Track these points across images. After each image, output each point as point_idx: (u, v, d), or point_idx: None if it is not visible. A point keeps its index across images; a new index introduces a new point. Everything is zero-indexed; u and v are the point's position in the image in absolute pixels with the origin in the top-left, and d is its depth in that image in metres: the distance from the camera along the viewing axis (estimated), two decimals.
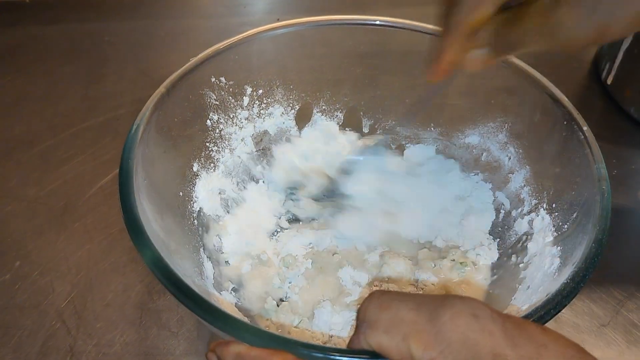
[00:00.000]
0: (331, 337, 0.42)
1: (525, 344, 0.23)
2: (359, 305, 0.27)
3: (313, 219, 0.50)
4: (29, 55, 0.70)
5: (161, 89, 0.40)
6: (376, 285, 0.45)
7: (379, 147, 0.52)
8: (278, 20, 0.49)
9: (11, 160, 0.57)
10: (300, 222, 0.50)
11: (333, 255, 0.47)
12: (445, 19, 0.32)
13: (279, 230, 0.50)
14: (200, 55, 0.43)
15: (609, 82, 0.64)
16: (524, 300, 0.38)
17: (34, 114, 0.62)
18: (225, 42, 0.44)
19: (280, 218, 0.50)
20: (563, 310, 0.30)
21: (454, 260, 0.46)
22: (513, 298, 0.40)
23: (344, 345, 0.39)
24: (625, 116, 0.62)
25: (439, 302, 0.25)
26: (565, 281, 0.31)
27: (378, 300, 0.26)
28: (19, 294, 0.46)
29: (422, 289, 0.45)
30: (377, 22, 0.48)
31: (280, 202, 0.51)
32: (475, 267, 0.45)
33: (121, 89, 0.65)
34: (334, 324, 0.42)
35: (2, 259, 0.48)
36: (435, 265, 0.46)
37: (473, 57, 0.32)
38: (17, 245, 0.49)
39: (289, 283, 0.45)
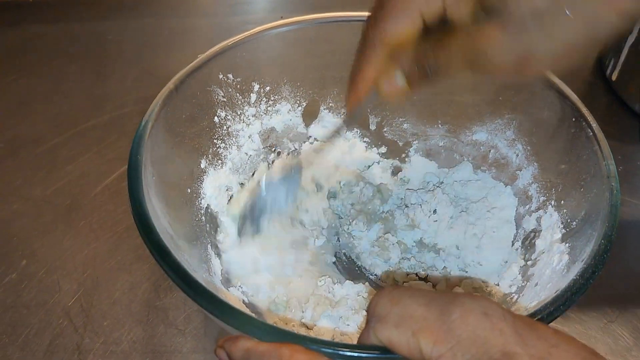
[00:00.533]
0: (339, 331, 0.42)
1: (536, 342, 0.23)
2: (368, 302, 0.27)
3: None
4: (33, 54, 0.70)
5: (169, 85, 0.40)
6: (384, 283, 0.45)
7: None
8: (281, 17, 0.49)
9: (17, 159, 0.57)
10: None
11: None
12: (367, 33, 0.31)
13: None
14: (208, 52, 0.43)
15: (613, 78, 0.64)
16: (532, 297, 0.38)
17: (38, 113, 0.62)
18: (232, 39, 0.44)
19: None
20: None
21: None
22: (521, 295, 0.40)
23: (350, 341, 0.39)
24: (630, 112, 0.62)
25: (449, 299, 0.25)
26: (574, 278, 0.31)
27: (389, 295, 0.26)
28: (25, 293, 0.46)
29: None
30: None
31: None
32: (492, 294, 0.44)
33: (125, 87, 0.65)
34: (341, 320, 0.42)
35: (9, 258, 0.48)
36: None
37: (391, 83, 0.31)
38: (23, 244, 0.49)
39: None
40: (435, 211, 0.48)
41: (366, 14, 0.48)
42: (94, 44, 0.71)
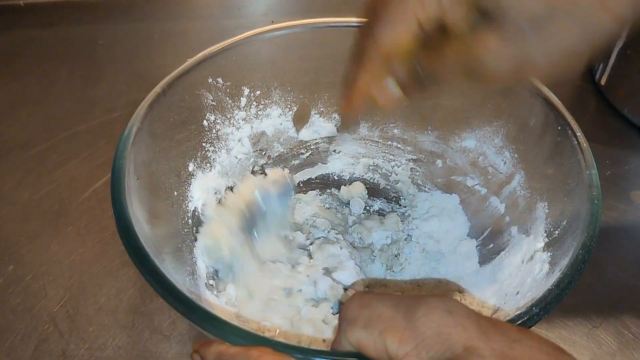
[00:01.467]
0: (322, 339, 0.42)
1: (498, 338, 0.23)
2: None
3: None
4: (24, 58, 0.70)
5: (157, 89, 0.40)
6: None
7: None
8: (272, 22, 0.49)
9: (6, 163, 0.57)
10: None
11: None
12: (361, 41, 0.30)
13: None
14: (197, 56, 0.43)
15: (602, 82, 0.64)
16: (513, 305, 0.38)
17: (29, 116, 0.62)
18: (222, 43, 0.44)
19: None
20: (554, 312, 0.30)
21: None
22: (503, 303, 0.40)
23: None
24: (618, 116, 0.62)
25: (415, 300, 0.25)
26: (549, 287, 0.31)
27: (359, 299, 0.27)
28: (12, 298, 0.46)
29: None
30: None
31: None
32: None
33: (116, 91, 0.65)
34: (322, 327, 0.42)
35: None
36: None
37: (386, 92, 0.30)
38: (11, 249, 0.49)
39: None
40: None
41: (356, 19, 0.49)
42: (85, 47, 0.71)
